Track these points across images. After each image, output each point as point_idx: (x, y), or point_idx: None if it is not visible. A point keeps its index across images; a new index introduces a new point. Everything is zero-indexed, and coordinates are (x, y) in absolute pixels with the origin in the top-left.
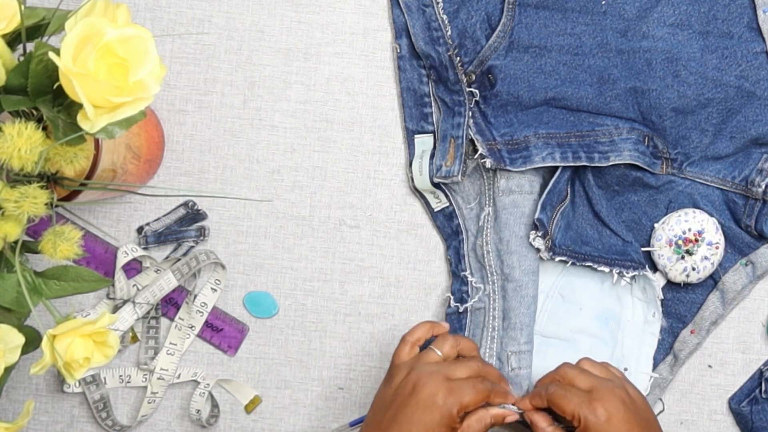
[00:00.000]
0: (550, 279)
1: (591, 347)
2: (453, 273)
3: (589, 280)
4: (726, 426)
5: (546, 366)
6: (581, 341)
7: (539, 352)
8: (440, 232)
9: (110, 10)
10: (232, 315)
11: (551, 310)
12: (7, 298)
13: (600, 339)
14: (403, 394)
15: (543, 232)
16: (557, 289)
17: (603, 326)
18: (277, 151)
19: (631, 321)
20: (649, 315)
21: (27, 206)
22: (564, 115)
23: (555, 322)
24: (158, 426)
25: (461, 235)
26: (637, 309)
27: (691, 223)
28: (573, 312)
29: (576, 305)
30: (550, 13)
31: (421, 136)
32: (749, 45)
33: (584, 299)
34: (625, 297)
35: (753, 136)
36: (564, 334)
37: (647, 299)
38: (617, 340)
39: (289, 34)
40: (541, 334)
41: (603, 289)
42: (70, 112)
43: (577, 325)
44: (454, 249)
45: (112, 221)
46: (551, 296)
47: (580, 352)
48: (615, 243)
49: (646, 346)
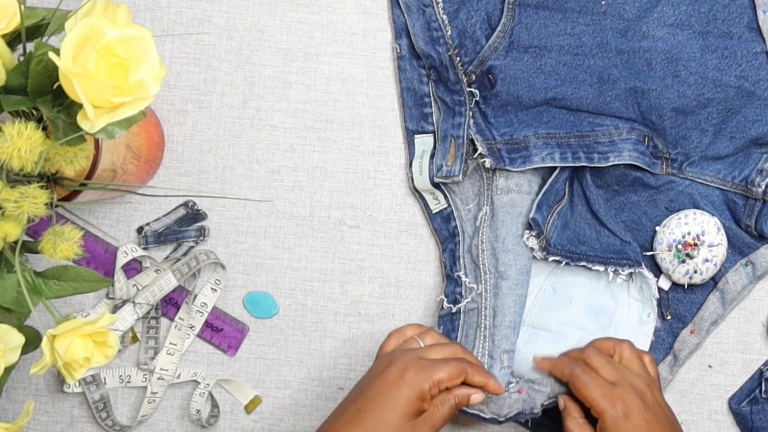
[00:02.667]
0: (544, 273)
1: (579, 340)
2: (447, 276)
3: (583, 277)
4: (726, 426)
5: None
6: (570, 333)
7: (528, 343)
8: (437, 235)
9: (110, 10)
10: (232, 315)
11: (542, 302)
12: (7, 298)
13: (589, 332)
14: (375, 373)
15: (537, 232)
16: (550, 282)
17: (593, 319)
18: (277, 151)
19: (625, 320)
20: (644, 315)
21: (27, 206)
22: (564, 115)
23: (545, 314)
24: (158, 426)
25: (457, 237)
26: (632, 308)
27: (691, 226)
28: (563, 304)
29: (567, 297)
30: (550, 13)
31: (421, 136)
32: (749, 45)
33: (575, 292)
34: (620, 295)
35: (753, 136)
36: (553, 326)
37: (643, 299)
38: (608, 335)
39: (289, 34)
40: (531, 325)
41: (597, 285)
42: (70, 112)
43: (567, 317)
44: (450, 251)
45: (112, 221)
46: (543, 289)
47: (568, 344)
48: (613, 243)
49: (639, 346)
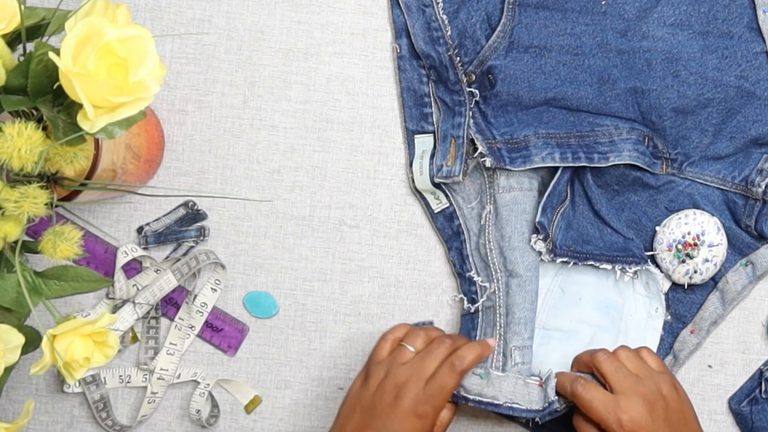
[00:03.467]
0: (551, 274)
1: (593, 337)
2: (459, 274)
3: (590, 275)
4: (726, 426)
5: (548, 359)
6: (582, 331)
7: (541, 345)
8: (440, 234)
9: (110, 10)
10: (232, 315)
11: (552, 303)
12: (7, 298)
13: (601, 328)
14: (384, 402)
15: (544, 235)
16: (557, 283)
17: (604, 315)
18: (277, 151)
19: (634, 316)
20: (651, 310)
21: (27, 206)
22: (564, 115)
23: (555, 315)
24: (158, 426)
25: (463, 236)
26: (639, 305)
27: (691, 226)
28: (573, 303)
29: (576, 296)
30: (550, 13)
31: (421, 136)
32: (749, 45)
33: (584, 291)
34: (627, 292)
35: (753, 136)
36: (565, 326)
37: (650, 294)
38: (620, 330)
39: (289, 34)
40: (543, 327)
41: (604, 282)
42: (70, 112)
43: (578, 315)
44: (456, 250)
45: (112, 221)
46: (552, 290)
47: (582, 342)
48: (616, 240)
49: (649, 342)
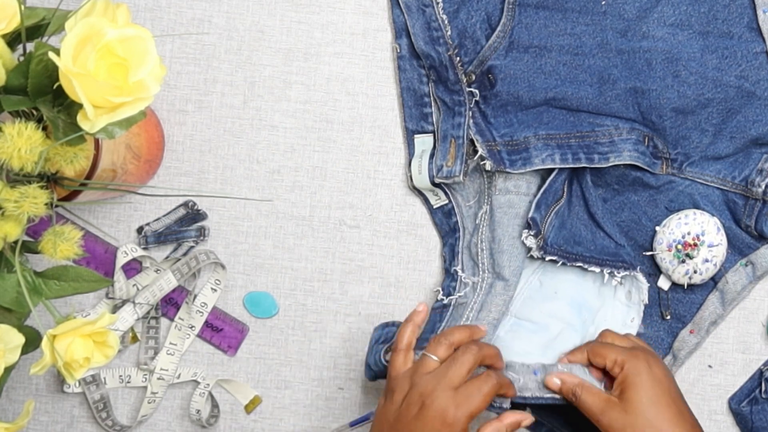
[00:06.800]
0: (533, 266)
1: (561, 333)
2: (446, 270)
3: (572, 274)
4: (726, 426)
5: (512, 347)
6: (552, 326)
7: (509, 332)
8: (438, 229)
9: (110, 10)
10: (232, 315)
11: (528, 294)
12: (7, 298)
13: (570, 326)
14: (410, 414)
15: (536, 231)
16: (537, 276)
17: (576, 314)
18: (277, 151)
19: (608, 321)
20: (627, 319)
21: (27, 206)
22: (564, 116)
23: (529, 305)
24: (158, 426)
25: (458, 233)
26: (617, 312)
27: (691, 226)
28: (548, 296)
29: (552, 290)
30: (550, 13)
31: (421, 136)
32: (749, 45)
33: (561, 286)
34: (607, 297)
35: (753, 136)
36: (536, 317)
37: (630, 304)
38: (587, 332)
39: (289, 34)
40: (515, 316)
41: (584, 282)
42: (70, 112)
43: (550, 309)
44: (450, 246)
45: (112, 221)
46: (530, 281)
47: (550, 336)
48: (608, 245)
49: None
